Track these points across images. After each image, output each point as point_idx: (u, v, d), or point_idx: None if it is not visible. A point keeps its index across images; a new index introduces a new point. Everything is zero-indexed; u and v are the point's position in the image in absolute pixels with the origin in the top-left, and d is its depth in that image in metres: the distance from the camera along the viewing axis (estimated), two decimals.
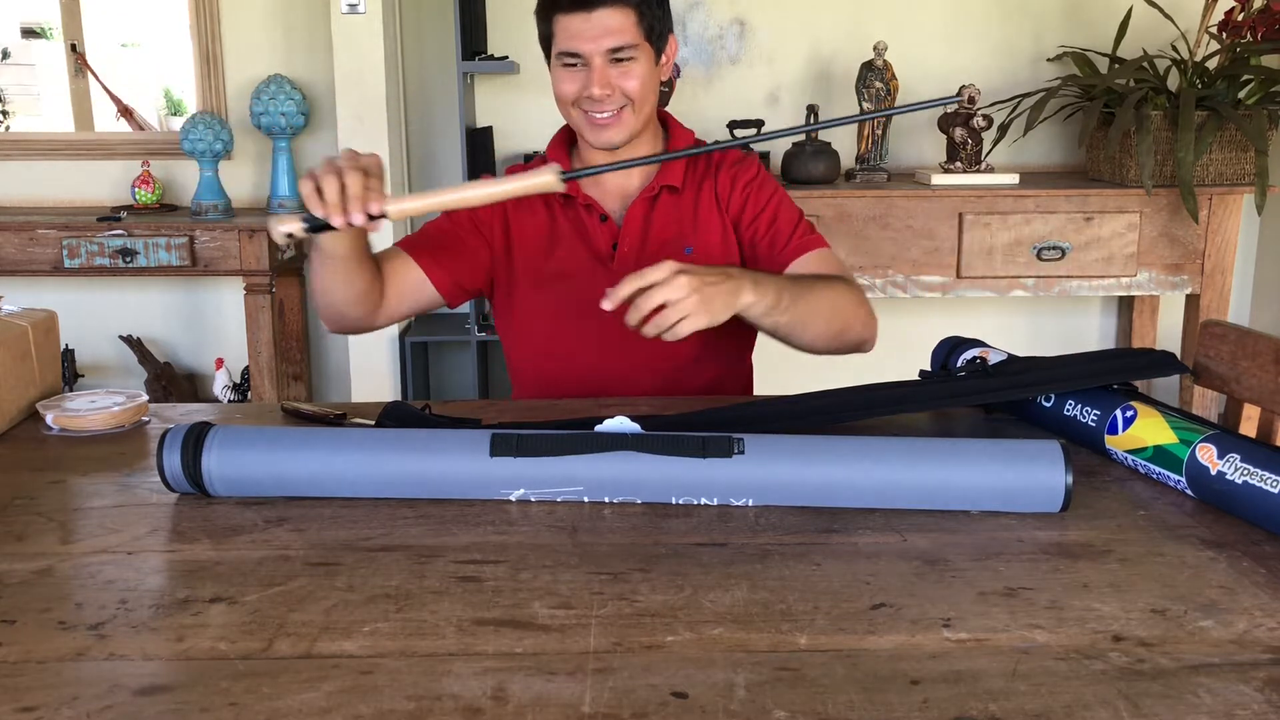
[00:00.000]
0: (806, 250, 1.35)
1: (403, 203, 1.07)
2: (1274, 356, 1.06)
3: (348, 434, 0.92)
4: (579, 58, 1.29)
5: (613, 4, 1.27)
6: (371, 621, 0.69)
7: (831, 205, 2.60)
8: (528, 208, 1.40)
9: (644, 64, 1.31)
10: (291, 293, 3.06)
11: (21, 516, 0.88)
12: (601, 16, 1.27)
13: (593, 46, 1.28)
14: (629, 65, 1.30)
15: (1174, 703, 0.60)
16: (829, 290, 1.25)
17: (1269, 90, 2.55)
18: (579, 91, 1.30)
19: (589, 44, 1.28)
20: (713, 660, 0.64)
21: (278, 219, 1.08)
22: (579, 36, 1.28)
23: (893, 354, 1.58)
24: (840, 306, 1.26)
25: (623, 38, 1.28)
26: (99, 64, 3.18)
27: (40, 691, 0.61)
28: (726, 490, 0.87)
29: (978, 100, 2.71)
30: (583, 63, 1.29)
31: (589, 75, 1.29)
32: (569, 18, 1.28)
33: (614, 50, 1.28)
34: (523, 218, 1.40)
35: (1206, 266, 2.64)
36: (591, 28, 1.27)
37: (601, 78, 1.29)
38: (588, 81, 1.29)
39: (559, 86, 1.33)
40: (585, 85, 1.30)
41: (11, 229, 2.70)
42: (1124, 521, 0.86)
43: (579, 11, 1.27)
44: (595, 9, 1.27)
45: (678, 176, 1.38)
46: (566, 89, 1.32)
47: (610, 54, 1.28)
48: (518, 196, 1.12)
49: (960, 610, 0.71)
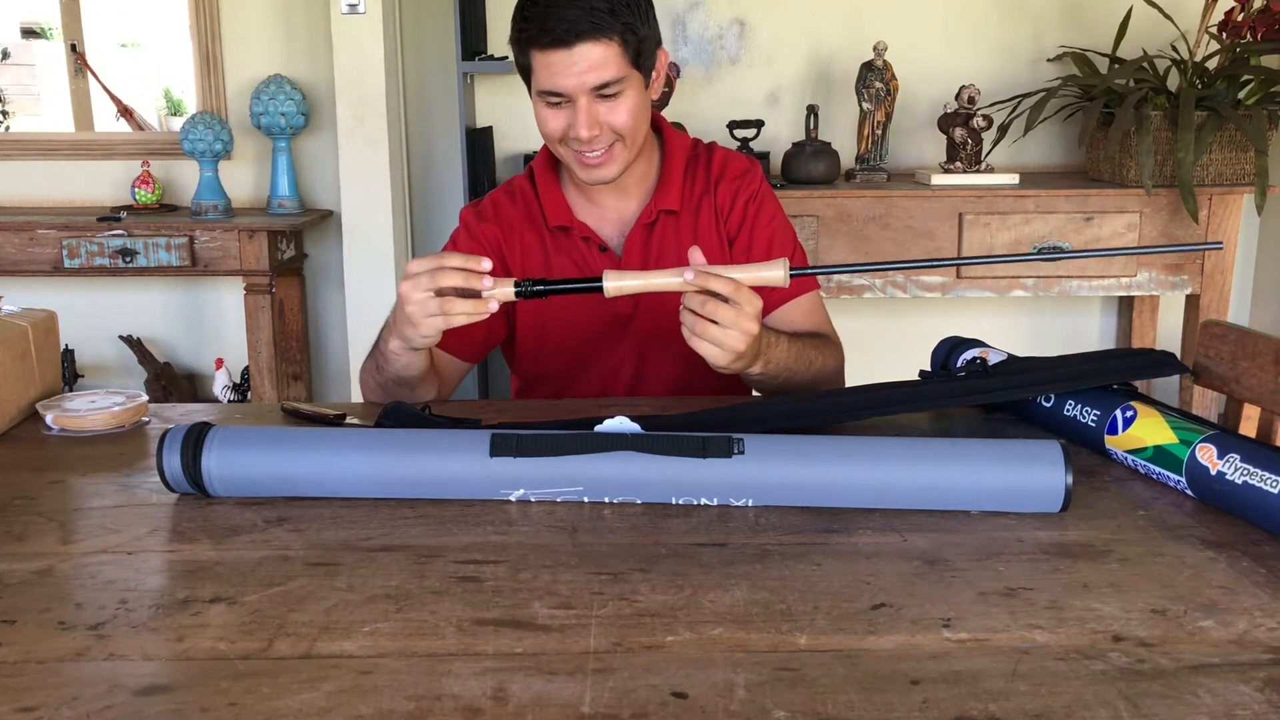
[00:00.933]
0: (799, 294, 1.31)
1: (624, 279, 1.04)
2: (1274, 356, 1.06)
3: (347, 434, 0.92)
4: (562, 96, 1.20)
5: (594, 37, 1.16)
6: (371, 621, 0.69)
7: (831, 205, 2.60)
8: (520, 245, 1.33)
9: (633, 94, 1.22)
10: (291, 293, 3.06)
11: (21, 516, 0.88)
12: (584, 51, 1.16)
13: (576, 83, 1.18)
14: (616, 101, 1.20)
15: (1174, 703, 0.60)
16: (823, 365, 1.25)
17: (1269, 90, 2.55)
18: (564, 130, 1.22)
19: (572, 80, 1.18)
20: (713, 660, 0.64)
21: (490, 282, 1.05)
22: (561, 74, 1.18)
23: (893, 354, 1.58)
24: (822, 379, 1.25)
25: (607, 72, 1.18)
26: (99, 64, 3.19)
27: (40, 691, 0.62)
28: (726, 490, 0.87)
29: (977, 100, 2.71)
30: (566, 100, 1.20)
31: (574, 114, 1.20)
32: (549, 54, 1.17)
33: (599, 87, 1.18)
34: (515, 259, 1.33)
35: (1206, 266, 2.64)
36: (574, 64, 1.17)
37: (588, 118, 1.19)
38: (574, 121, 1.20)
39: (543, 125, 1.24)
40: (571, 124, 1.21)
41: (11, 229, 2.70)
42: (1124, 521, 0.86)
43: (558, 49, 1.16)
44: (575, 44, 1.16)
45: (675, 199, 1.32)
46: (552, 127, 1.23)
47: (595, 91, 1.19)
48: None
49: (960, 610, 0.71)
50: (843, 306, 2.87)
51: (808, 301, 1.34)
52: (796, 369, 1.20)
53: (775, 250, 1.32)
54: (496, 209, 1.35)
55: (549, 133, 1.24)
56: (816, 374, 1.24)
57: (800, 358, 1.20)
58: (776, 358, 1.16)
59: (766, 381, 1.19)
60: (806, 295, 1.33)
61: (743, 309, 1.02)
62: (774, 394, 1.22)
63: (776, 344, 1.16)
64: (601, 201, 1.33)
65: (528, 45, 1.20)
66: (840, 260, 2.62)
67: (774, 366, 1.16)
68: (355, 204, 2.83)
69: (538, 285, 1.04)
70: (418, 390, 1.24)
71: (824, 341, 1.29)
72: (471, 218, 1.35)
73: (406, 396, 1.23)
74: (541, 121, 1.24)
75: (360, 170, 2.81)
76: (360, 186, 2.82)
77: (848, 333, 1.39)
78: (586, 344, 1.35)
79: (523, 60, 1.23)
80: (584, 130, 1.20)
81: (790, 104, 3.00)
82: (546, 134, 1.25)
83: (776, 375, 1.18)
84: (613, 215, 1.34)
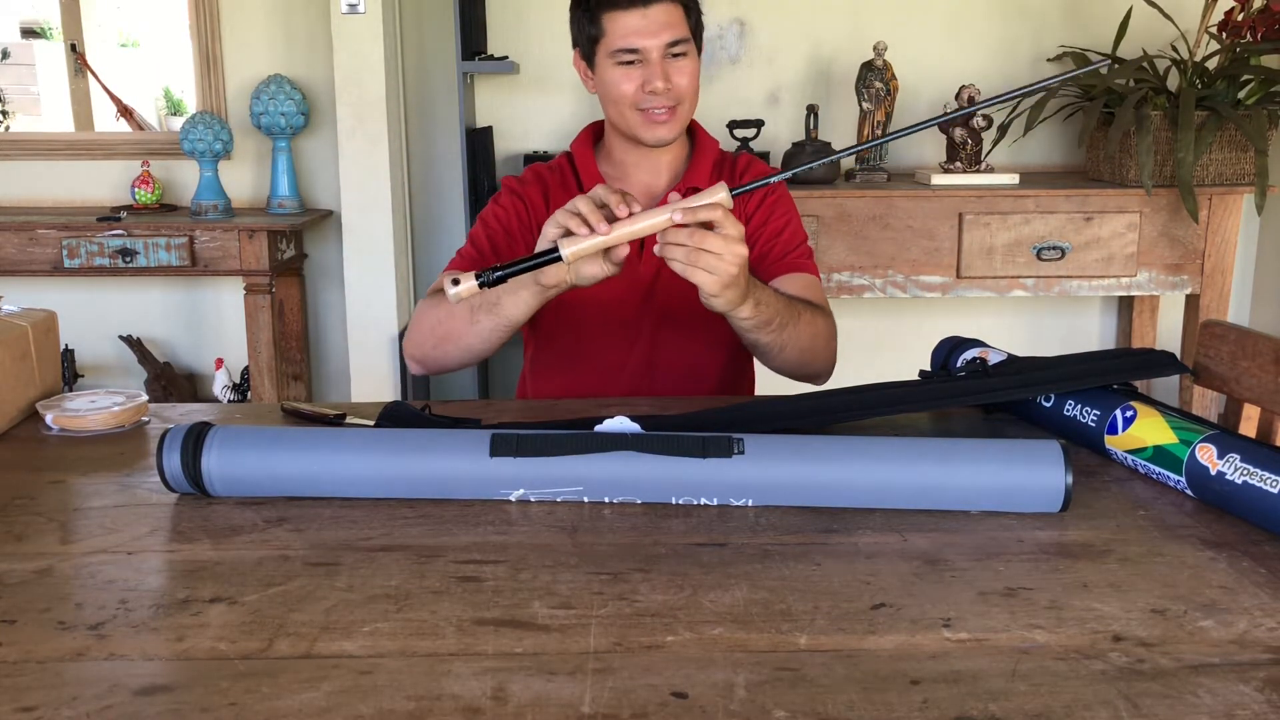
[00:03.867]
0: (799, 270, 1.37)
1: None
2: (1274, 356, 1.06)
3: (347, 434, 0.92)
4: (637, 53, 1.29)
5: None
6: (371, 621, 0.69)
7: (831, 205, 2.60)
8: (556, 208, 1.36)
9: (694, 60, 1.32)
10: (291, 293, 3.06)
11: (21, 516, 0.88)
12: (657, 12, 1.28)
13: (653, 41, 1.28)
14: (683, 61, 1.30)
15: (1174, 703, 0.60)
16: (813, 323, 1.27)
17: (1269, 90, 2.55)
18: (636, 89, 1.30)
19: (649, 39, 1.28)
20: (713, 660, 0.64)
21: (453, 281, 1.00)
22: (638, 32, 1.28)
23: (893, 354, 1.58)
24: (816, 340, 1.28)
25: (678, 30, 1.29)
26: (99, 64, 3.19)
27: (40, 691, 0.61)
28: (726, 490, 0.87)
29: (977, 100, 2.71)
30: (639, 59, 1.29)
31: (648, 70, 1.29)
32: (625, 14, 1.28)
33: (671, 44, 1.29)
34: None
35: (1206, 266, 2.64)
36: (649, 23, 1.28)
37: (662, 70, 1.29)
38: (648, 77, 1.29)
39: (616, 87, 1.31)
40: (646, 80, 1.29)
41: (11, 229, 2.70)
42: (1124, 521, 0.86)
43: (635, 8, 1.28)
44: (651, 4, 1.27)
45: (704, 179, 1.38)
46: (625, 88, 1.31)
47: (668, 48, 1.29)
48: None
49: (960, 610, 0.71)
50: (843, 306, 2.87)
51: (805, 279, 1.37)
52: (788, 318, 1.22)
53: (786, 236, 1.38)
54: (536, 175, 1.42)
55: (622, 94, 1.31)
56: (809, 329, 1.26)
57: (789, 308, 1.23)
58: (766, 300, 1.17)
59: (760, 330, 1.19)
60: (804, 274, 1.37)
61: (729, 234, 1.02)
62: (774, 349, 1.24)
63: (764, 289, 1.18)
64: (634, 177, 1.40)
65: (601, 9, 1.29)
66: (840, 261, 2.62)
67: (765, 310, 1.17)
68: (355, 204, 2.83)
69: (498, 271, 1.01)
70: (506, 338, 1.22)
71: (815, 306, 1.31)
72: (514, 181, 1.42)
73: (490, 347, 1.23)
74: (613, 84, 1.31)
75: (360, 170, 2.81)
76: (360, 186, 2.82)
77: (848, 332, 1.40)
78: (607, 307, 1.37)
79: (592, 29, 1.32)
80: (659, 82, 1.28)
81: (790, 104, 3.00)
82: (618, 95, 1.31)
83: (769, 321, 1.19)
84: (642, 191, 1.40)
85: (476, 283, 1.00)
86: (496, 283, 1.01)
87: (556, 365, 1.44)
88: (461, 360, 1.28)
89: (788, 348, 1.24)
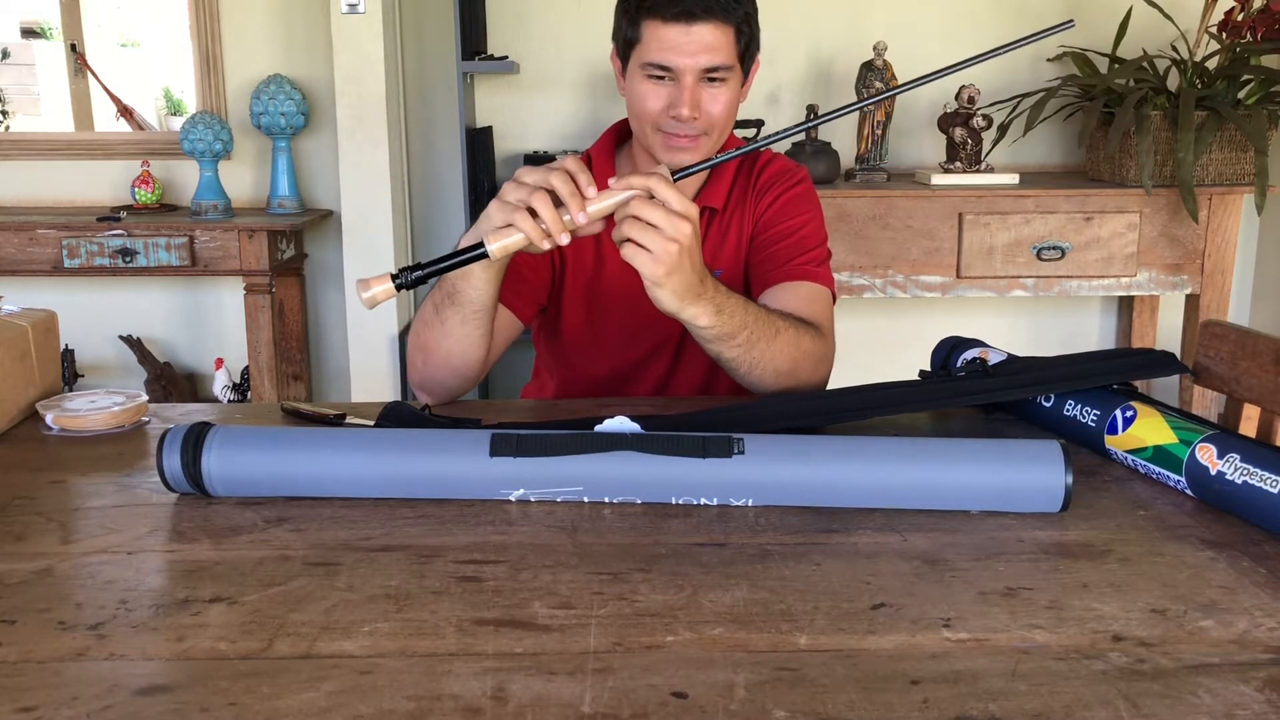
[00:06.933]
0: (803, 279, 1.26)
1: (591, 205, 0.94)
2: (1274, 356, 1.06)
3: (347, 434, 0.92)
4: (669, 71, 1.18)
5: (716, 18, 1.16)
6: (371, 621, 0.69)
7: (831, 205, 2.60)
8: None
9: (732, 87, 1.22)
10: (291, 293, 3.06)
11: (21, 516, 0.88)
12: (702, 31, 1.16)
13: (689, 62, 1.17)
14: (719, 89, 1.20)
15: (1174, 703, 0.60)
16: (795, 342, 1.14)
17: (1269, 90, 2.55)
18: (662, 109, 1.20)
19: (685, 59, 1.17)
20: (713, 660, 0.64)
21: (362, 284, 0.94)
22: (675, 50, 1.17)
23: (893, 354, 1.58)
24: (798, 363, 1.15)
25: (719, 56, 1.18)
26: (99, 64, 3.18)
27: (40, 691, 0.61)
28: (726, 490, 0.87)
29: (977, 100, 2.71)
30: (670, 77, 1.19)
31: (677, 93, 1.18)
32: (666, 27, 1.16)
33: (709, 70, 1.18)
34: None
35: (1206, 266, 2.64)
36: (690, 41, 1.16)
37: (692, 98, 1.18)
38: (675, 99, 1.19)
39: (641, 102, 1.21)
40: (672, 103, 1.19)
41: (11, 229, 2.70)
42: (1124, 521, 0.86)
43: (679, 23, 1.16)
44: (696, 22, 1.16)
45: (721, 198, 1.31)
46: (650, 105, 1.20)
47: (704, 73, 1.18)
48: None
49: (960, 610, 0.71)
50: (843, 306, 2.87)
51: (807, 290, 1.25)
52: (760, 334, 1.10)
53: (798, 238, 1.29)
54: None
55: (645, 110, 1.21)
56: (790, 350, 1.13)
57: (764, 322, 1.11)
58: (732, 310, 1.07)
59: (722, 342, 1.09)
60: (808, 284, 1.26)
61: (674, 208, 0.95)
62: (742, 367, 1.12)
63: (732, 297, 1.08)
64: None
65: (644, 14, 1.18)
66: (840, 261, 2.62)
67: (728, 321, 1.07)
68: (355, 204, 2.83)
69: (416, 271, 0.94)
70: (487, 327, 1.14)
71: (806, 325, 1.18)
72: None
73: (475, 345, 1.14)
74: (639, 98, 1.21)
75: (360, 170, 2.81)
76: (360, 186, 2.82)
77: (848, 332, 1.39)
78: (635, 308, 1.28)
79: (630, 31, 1.21)
80: (686, 109, 1.18)
81: (790, 104, 3.00)
82: (642, 111, 1.22)
83: (733, 334, 1.08)
84: None
85: (393, 284, 0.93)
86: (416, 284, 0.94)
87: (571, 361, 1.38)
88: (454, 371, 1.17)
89: (758, 367, 1.12)
